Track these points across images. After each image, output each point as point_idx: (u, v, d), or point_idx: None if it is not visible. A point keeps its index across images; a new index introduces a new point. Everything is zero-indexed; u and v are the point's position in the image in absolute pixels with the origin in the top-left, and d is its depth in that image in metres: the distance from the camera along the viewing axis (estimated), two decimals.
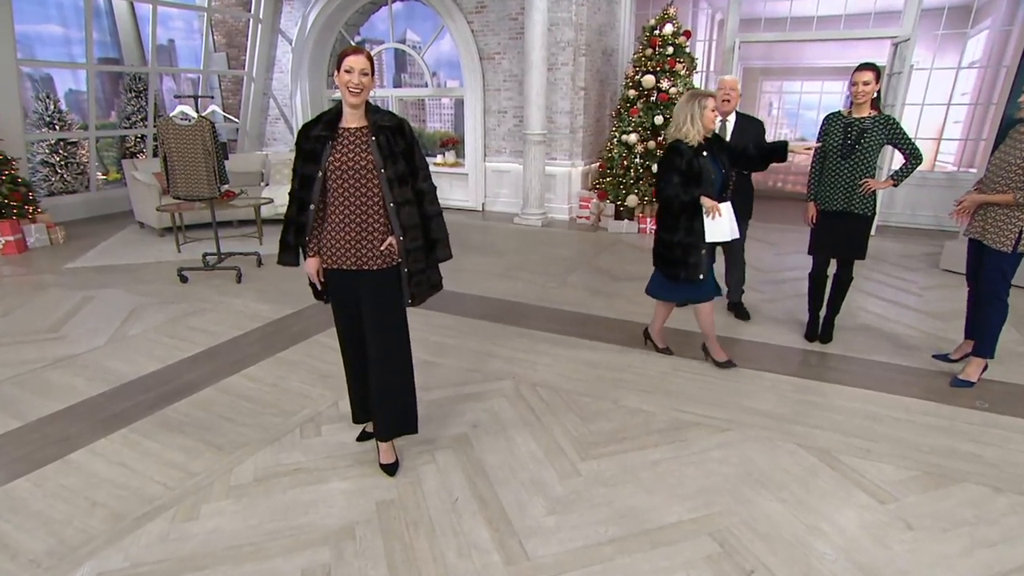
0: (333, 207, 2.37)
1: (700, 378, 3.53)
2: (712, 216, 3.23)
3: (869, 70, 3.59)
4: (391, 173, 2.34)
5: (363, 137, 2.33)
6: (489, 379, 3.52)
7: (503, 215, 8.43)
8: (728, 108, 3.92)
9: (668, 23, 6.95)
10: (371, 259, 2.42)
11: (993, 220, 3.18)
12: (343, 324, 2.61)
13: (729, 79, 3.96)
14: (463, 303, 4.78)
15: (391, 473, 2.63)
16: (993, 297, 3.33)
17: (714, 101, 3.26)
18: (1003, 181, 3.12)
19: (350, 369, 2.72)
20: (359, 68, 2.22)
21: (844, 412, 3.15)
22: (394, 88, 10.12)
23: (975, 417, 3.11)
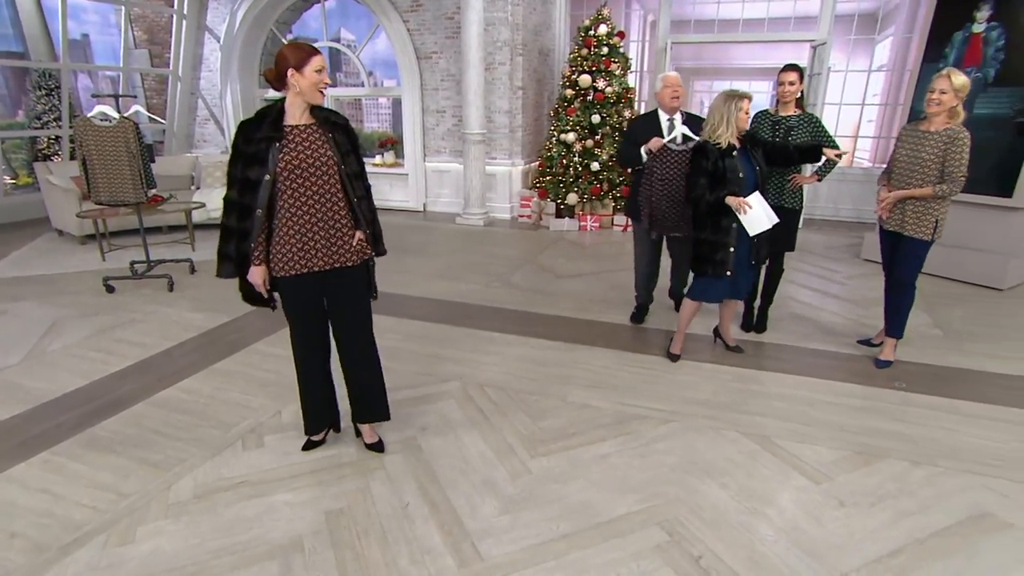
0: (289, 210, 2.30)
1: (645, 371, 3.62)
2: (743, 211, 3.25)
3: (794, 71, 3.77)
4: (349, 169, 2.37)
5: (315, 134, 2.29)
6: (437, 381, 3.50)
7: (445, 215, 8.38)
8: (678, 104, 3.91)
9: (602, 24, 7.08)
10: (347, 255, 2.43)
11: (912, 212, 3.39)
12: (305, 330, 2.54)
13: (674, 76, 3.96)
14: (407, 305, 4.72)
15: (380, 450, 2.79)
16: (908, 283, 3.57)
17: (748, 103, 3.28)
18: (919, 177, 3.33)
19: (310, 376, 2.65)
20: (325, 67, 2.27)
21: (781, 398, 3.30)
22: (329, 88, 9.88)
23: (895, 397, 3.32)
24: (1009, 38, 4.98)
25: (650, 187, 3.86)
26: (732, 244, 3.38)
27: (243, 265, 2.39)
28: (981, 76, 5.12)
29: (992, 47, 5.08)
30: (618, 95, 7.12)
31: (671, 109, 3.87)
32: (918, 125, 3.40)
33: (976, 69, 5.14)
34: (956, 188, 3.27)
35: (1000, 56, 5.04)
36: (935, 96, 3.23)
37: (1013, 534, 2.28)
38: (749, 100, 3.28)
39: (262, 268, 2.38)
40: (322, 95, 2.27)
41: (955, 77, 3.18)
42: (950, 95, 3.20)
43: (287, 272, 2.37)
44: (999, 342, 4.07)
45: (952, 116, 3.27)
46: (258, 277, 2.39)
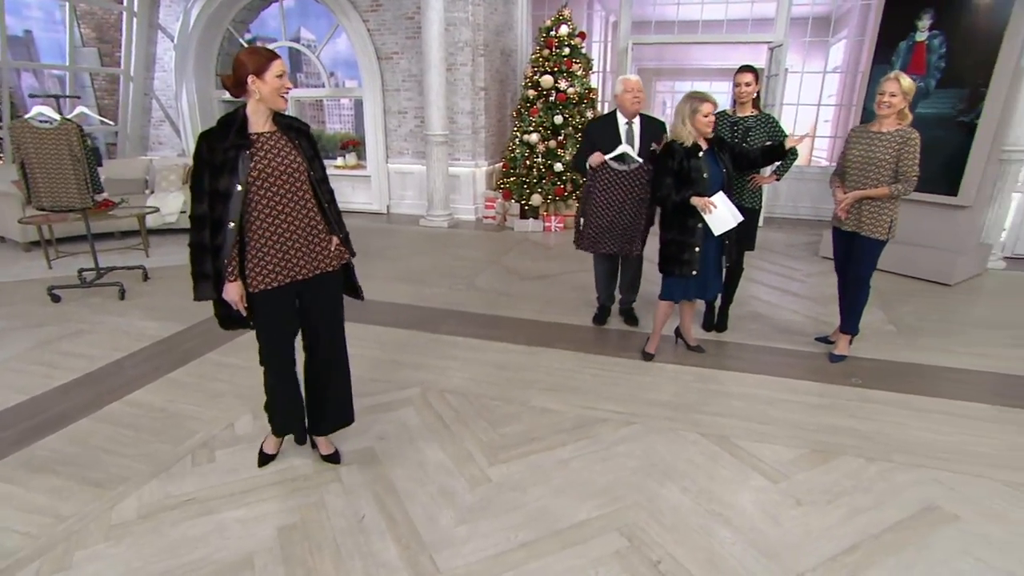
0: (265, 220, 2.21)
1: (606, 373, 3.61)
2: (708, 211, 3.28)
3: (749, 72, 3.81)
4: (316, 174, 2.33)
5: (281, 141, 2.23)
6: (396, 388, 3.43)
7: (409, 217, 8.28)
8: (638, 108, 3.80)
9: (563, 24, 7.08)
10: (326, 261, 2.41)
11: (868, 213, 3.45)
12: (280, 344, 2.44)
13: (634, 79, 3.86)
14: (368, 310, 4.62)
15: (337, 461, 2.72)
16: (864, 281, 3.64)
17: (710, 107, 3.27)
18: (874, 177, 3.39)
19: (285, 389, 2.56)
20: (286, 71, 2.20)
21: (741, 398, 3.32)
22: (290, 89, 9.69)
23: (851, 393, 3.37)
24: (950, 45, 5.14)
25: (587, 203, 3.89)
26: (698, 244, 3.40)
27: (219, 284, 2.26)
28: (923, 86, 5.27)
29: (935, 55, 5.24)
30: (580, 96, 7.13)
31: (631, 113, 3.82)
32: (869, 127, 3.47)
33: (920, 78, 5.29)
34: (910, 188, 3.35)
35: (942, 64, 5.20)
36: (885, 99, 3.30)
37: (958, 526, 2.33)
38: (711, 104, 3.29)
39: (238, 284, 2.26)
40: (284, 100, 2.20)
41: (903, 80, 3.26)
42: (899, 97, 3.27)
43: (267, 285, 2.27)
44: (949, 337, 4.18)
45: (901, 117, 3.35)
46: (235, 293, 2.26)
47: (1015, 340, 4.14)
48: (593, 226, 3.89)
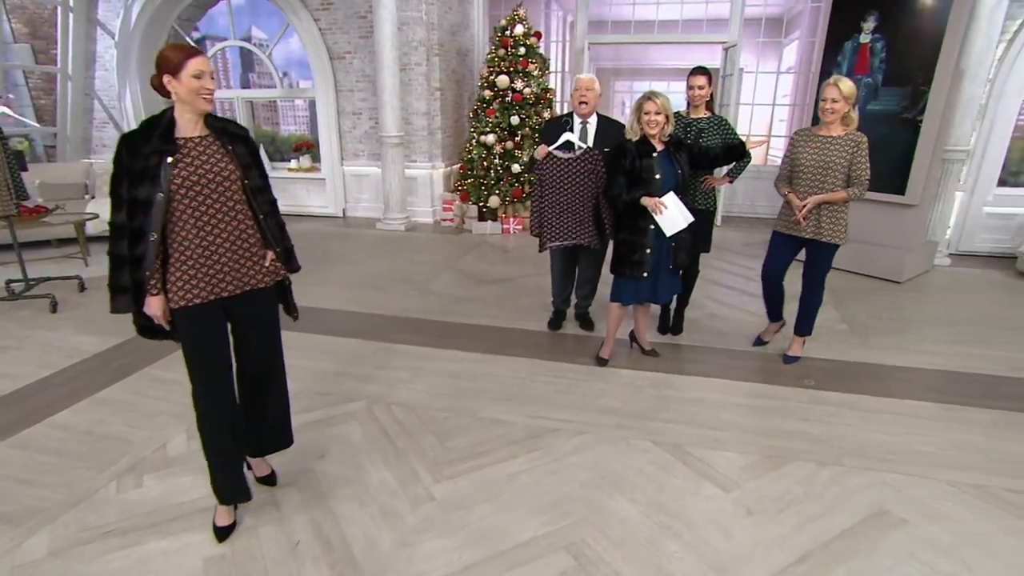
0: (189, 232, 2.03)
1: (559, 381, 3.53)
2: (659, 212, 3.22)
3: (702, 74, 3.77)
4: (252, 184, 2.15)
5: (213, 146, 2.05)
6: (341, 402, 3.29)
7: (366, 220, 8.09)
8: (585, 110, 3.72)
9: (519, 24, 7.00)
10: (258, 277, 2.22)
11: (828, 218, 3.43)
12: (212, 368, 2.19)
13: (585, 78, 3.75)
14: (317, 319, 4.46)
15: (273, 483, 2.60)
16: (822, 284, 3.64)
17: (653, 106, 3.20)
18: (829, 181, 3.37)
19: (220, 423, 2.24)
20: (208, 71, 1.98)
21: (695, 403, 3.28)
22: (241, 89, 9.41)
23: (804, 396, 3.36)
24: (891, 48, 5.23)
25: (540, 196, 3.82)
26: (649, 245, 3.34)
27: (139, 296, 2.09)
28: (871, 81, 5.36)
29: (877, 57, 5.33)
30: (537, 96, 7.06)
31: (580, 113, 3.76)
32: (816, 131, 3.44)
33: (866, 76, 5.38)
34: (864, 191, 3.38)
35: (883, 67, 5.29)
36: (828, 105, 3.29)
37: (906, 530, 2.31)
38: (654, 104, 3.22)
39: (160, 298, 2.07)
40: (206, 102, 2.00)
41: (842, 84, 3.25)
42: (841, 102, 3.26)
43: (188, 301, 2.08)
44: (899, 335, 4.23)
45: (848, 122, 3.35)
46: (157, 308, 2.08)
47: (958, 337, 4.20)
48: (551, 218, 3.79)
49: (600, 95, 3.83)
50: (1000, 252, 6.33)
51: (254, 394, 2.43)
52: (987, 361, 3.82)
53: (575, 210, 3.73)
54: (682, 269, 3.61)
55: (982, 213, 6.32)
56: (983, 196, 6.28)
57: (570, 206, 3.73)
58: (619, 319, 3.68)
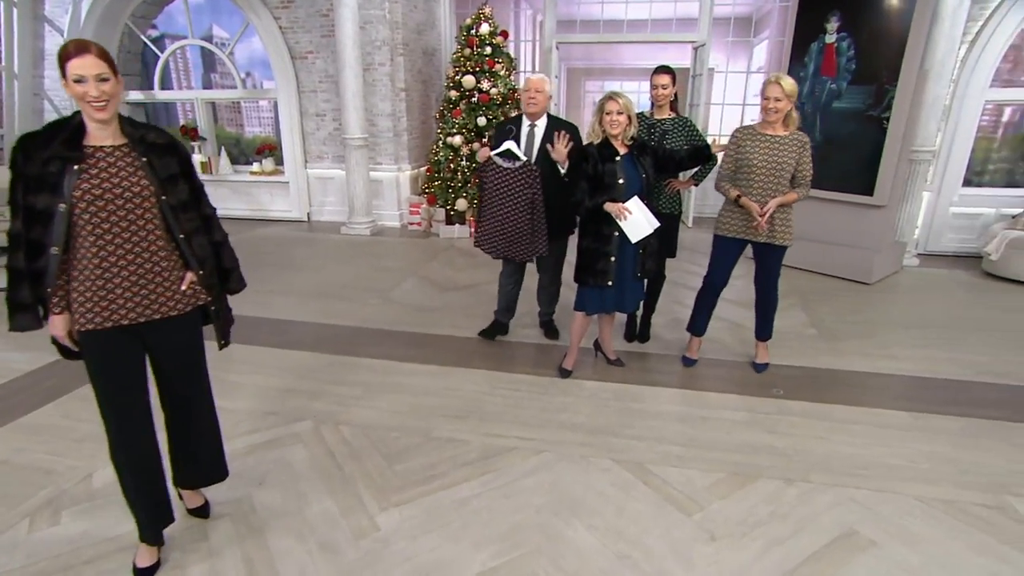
0: (89, 249, 1.82)
1: (519, 394, 3.37)
2: (623, 217, 3.08)
3: (666, 73, 3.65)
4: (173, 200, 1.93)
5: (126, 158, 1.84)
6: (287, 421, 3.09)
7: (331, 225, 7.85)
8: (534, 110, 3.55)
9: (484, 23, 6.83)
10: (170, 304, 1.99)
11: (780, 221, 3.32)
12: (121, 391, 1.98)
13: (534, 78, 3.59)
14: (270, 331, 4.25)
15: (205, 515, 2.41)
16: (775, 288, 3.54)
17: (615, 105, 3.06)
18: (782, 183, 3.26)
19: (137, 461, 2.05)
20: (93, 74, 1.72)
21: (660, 417, 3.15)
22: (203, 90, 9.12)
23: (771, 406, 3.25)
24: (857, 47, 5.18)
25: (481, 202, 3.69)
26: (613, 253, 3.21)
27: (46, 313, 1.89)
28: (836, 88, 5.32)
29: (843, 56, 5.28)
30: (504, 96, 6.90)
31: (529, 115, 3.59)
32: (761, 129, 3.32)
33: (832, 80, 5.33)
34: (809, 191, 3.34)
35: (852, 66, 5.24)
36: (771, 104, 3.19)
37: (875, 552, 2.20)
38: (616, 103, 3.09)
39: (64, 317, 1.88)
40: (97, 110, 1.75)
41: (784, 82, 3.14)
42: (784, 101, 3.16)
43: (84, 326, 1.87)
44: (868, 339, 4.16)
45: (789, 121, 3.25)
46: (60, 328, 1.88)
47: (926, 340, 4.14)
48: (487, 226, 3.67)
49: (551, 97, 3.69)
50: (966, 252, 6.33)
51: (178, 428, 2.23)
52: (954, 365, 3.76)
53: (509, 223, 3.58)
54: (649, 277, 3.49)
55: (948, 213, 6.32)
56: (949, 196, 6.28)
57: (506, 218, 3.57)
58: (583, 329, 3.54)
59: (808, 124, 5.56)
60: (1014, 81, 6.39)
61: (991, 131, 6.73)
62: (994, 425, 3.07)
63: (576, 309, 3.45)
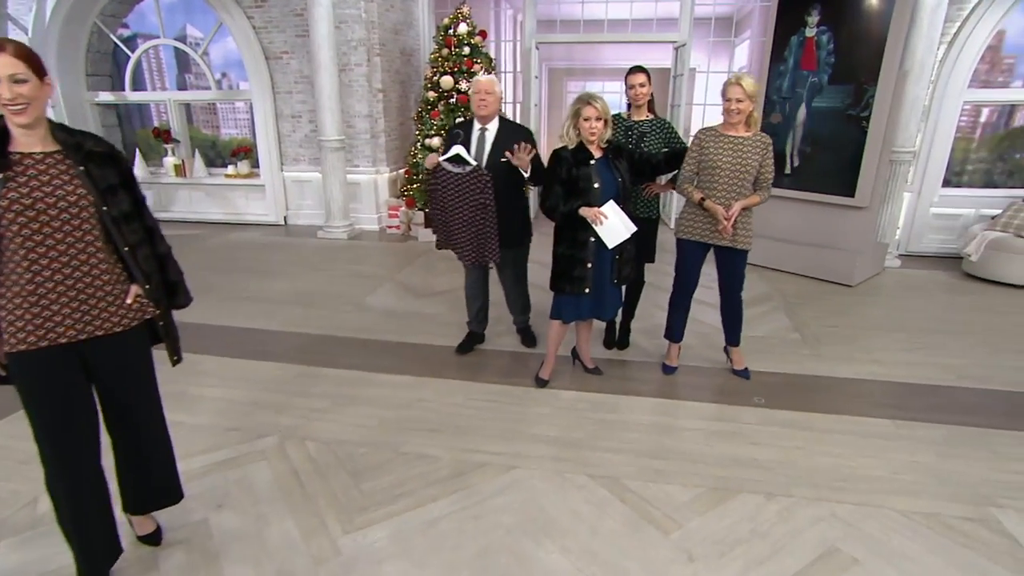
0: (20, 263, 1.69)
1: (494, 406, 3.26)
2: (598, 222, 2.99)
3: (641, 72, 3.56)
4: (115, 211, 1.81)
5: (59, 165, 1.71)
6: (250, 437, 2.96)
7: (308, 228, 7.68)
8: (485, 112, 3.39)
9: (462, 22, 6.72)
10: (114, 320, 1.87)
11: (741, 224, 3.24)
12: (59, 416, 1.83)
13: (484, 80, 3.41)
14: (238, 341, 4.11)
15: (156, 542, 2.27)
16: (739, 292, 3.48)
17: (593, 111, 2.95)
18: (746, 185, 3.19)
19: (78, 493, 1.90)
20: (7, 74, 1.59)
21: (638, 428, 3.05)
22: (176, 91, 8.92)
23: (754, 416, 3.17)
24: (837, 42, 5.14)
25: (432, 208, 3.61)
26: (589, 259, 3.11)
27: None
28: (817, 81, 5.26)
29: (824, 50, 5.23)
30: None
31: (480, 117, 3.45)
32: (724, 130, 3.24)
33: (812, 73, 5.29)
34: (770, 194, 3.30)
35: (831, 60, 5.19)
36: (732, 105, 3.11)
37: (857, 571, 2.13)
38: (594, 108, 2.98)
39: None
40: (14, 114, 1.63)
41: (745, 82, 3.07)
42: (746, 101, 3.08)
43: (16, 347, 1.73)
44: (851, 343, 4.10)
45: (751, 122, 3.18)
46: None
47: (908, 344, 4.09)
48: (440, 229, 3.61)
49: (501, 98, 3.56)
50: (947, 252, 6.32)
51: (126, 449, 2.09)
52: (937, 370, 3.71)
53: (462, 226, 3.47)
54: (626, 283, 3.39)
55: (929, 214, 6.31)
56: (930, 197, 6.26)
57: (458, 222, 3.47)
58: (560, 337, 3.44)
59: (789, 120, 5.52)
60: (991, 82, 6.40)
61: (969, 132, 6.74)
62: (976, 433, 3.01)
63: (552, 317, 3.35)
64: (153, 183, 8.13)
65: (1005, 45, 6.46)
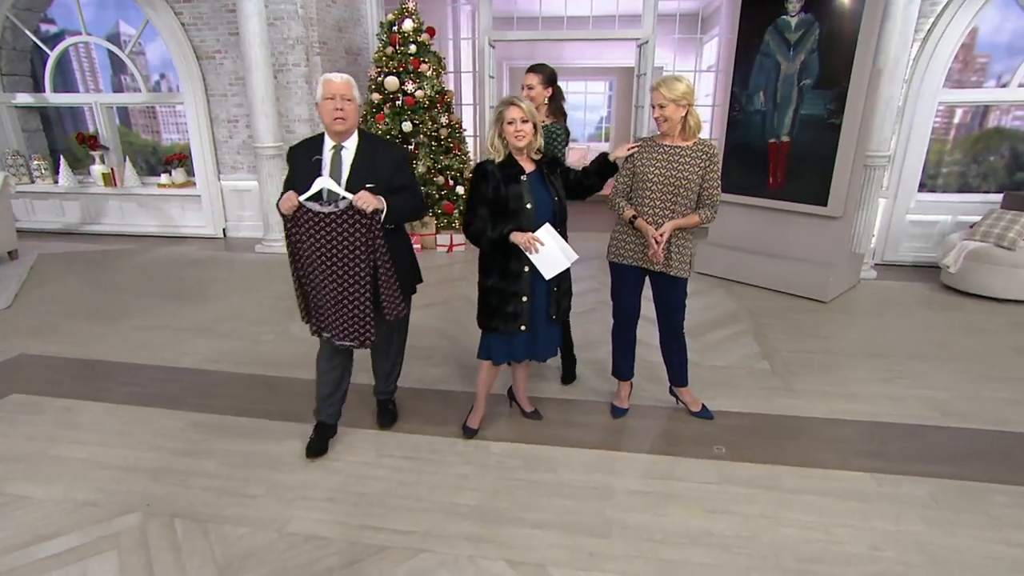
0: None
1: (410, 464, 2.77)
2: (533, 250, 2.50)
3: (533, 73, 3.17)
4: None
5: None
6: (108, 515, 2.43)
7: (248, 242, 7.11)
8: (342, 128, 2.48)
9: (407, 18, 6.21)
10: None
11: (676, 247, 2.79)
12: None
13: (339, 82, 2.46)
14: (130, 383, 3.57)
15: None
16: (680, 328, 3.02)
17: (518, 112, 2.48)
18: (682, 201, 2.73)
19: None
20: None
21: (575, 491, 2.58)
22: (111, 93, 8.31)
23: (712, 471, 2.71)
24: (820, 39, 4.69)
25: (295, 269, 2.61)
26: (525, 292, 2.64)
27: None
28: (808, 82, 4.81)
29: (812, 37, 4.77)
30: (431, 99, 6.29)
31: (336, 133, 2.51)
32: (660, 140, 2.81)
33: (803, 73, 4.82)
34: (715, 214, 2.81)
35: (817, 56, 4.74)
36: (656, 113, 2.68)
37: None
38: (518, 107, 2.52)
39: None
40: None
41: (667, 86, 2.63)
42: (671, 107, 2.65)
43: None
44: (826, 373, 3.67)
45: (688, 130, 2.73)
46: None
47: (888, 373, 3.68)
48: (315, 300, 2.62)
49: (360, 106, 2.76)
50: (924, 262, 5.97)
51: None
52: (920, 405, 3.30)
53: (342, 294, 2.52)
54: (564, 319, 2.93)
55: (905, 221, 5.95)
56: (906, 203, 5.90)
57: (336, 288, 2.51)
58: (490, 380, 2.96)
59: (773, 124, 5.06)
60: (964, 82, 6.06)
61: (943, 133, 6.41)
62: (968, 488, 2.59)
63: (480, 357, 2.87)
64: (80, 193, 7.51)
65: (978, 43, 6.13)
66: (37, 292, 5.27)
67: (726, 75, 5.58)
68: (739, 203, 5.31)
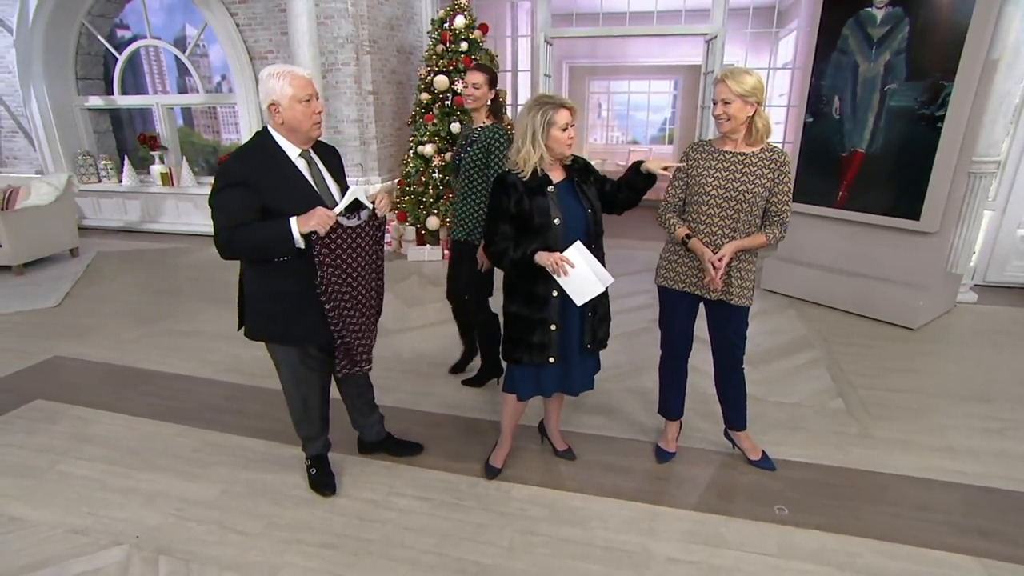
0: None
1: (422, 506, 2.47)
2: (562, 272, 2.15)
3: (478, 72, 2.91)
4: None
5: None
6: (94, 547, 2.25)
7: None
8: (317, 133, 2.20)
9: (459, 14, 5.96)
10: None
11: (738, 271, 2.38)
12: None
13: (303, 75, 2.13)
14: (151, 393, 3.45)
15: None
16: (739, 364, 2.59)
17: (569, 115, 2.16)
18: (745, 217, 2.31)
19: None
20: None
21: (604, 555, 2.21)
22: (174, 95, 8.51)
23: (771, 538, 2.28)
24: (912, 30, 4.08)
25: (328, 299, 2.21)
26: (553, 320, 2.29)
27: None
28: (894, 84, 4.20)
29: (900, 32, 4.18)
30: None
31: (309, 139, 2.17)
32: (719, 144, 2.39)
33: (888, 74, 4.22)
34: (784, 234, 2.36)
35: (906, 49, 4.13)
36: (718, 109, 2.26)
37: None
38: (571, 112, 2.18)
39: None
40: None
41: (735, 79, 2.20)
42: (736, 103, 2.22)
43: None
44: (914, 419, 3.13)
45: (755, 133, 2.29)
46: None
47: (992, 422, 3.09)
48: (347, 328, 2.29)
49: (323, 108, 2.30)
50: None
51: None
52: None
53: (376, 310, 2.41)
54: (603, 347, 2.55)
55: (1016, 236, 5.18)
56: (1017, 216, 5.14)
57: (373, 305, 2.36)
58: (517, 415, 2.63)
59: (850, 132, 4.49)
60: None
61: None
62: None
63: (506, 391, 2.54)
64: (140, 192, 7.69)
65: None
66: (88, 291, 5.33)
67: (803, 72, 5.00)
68: (813, 214, 4.74)
